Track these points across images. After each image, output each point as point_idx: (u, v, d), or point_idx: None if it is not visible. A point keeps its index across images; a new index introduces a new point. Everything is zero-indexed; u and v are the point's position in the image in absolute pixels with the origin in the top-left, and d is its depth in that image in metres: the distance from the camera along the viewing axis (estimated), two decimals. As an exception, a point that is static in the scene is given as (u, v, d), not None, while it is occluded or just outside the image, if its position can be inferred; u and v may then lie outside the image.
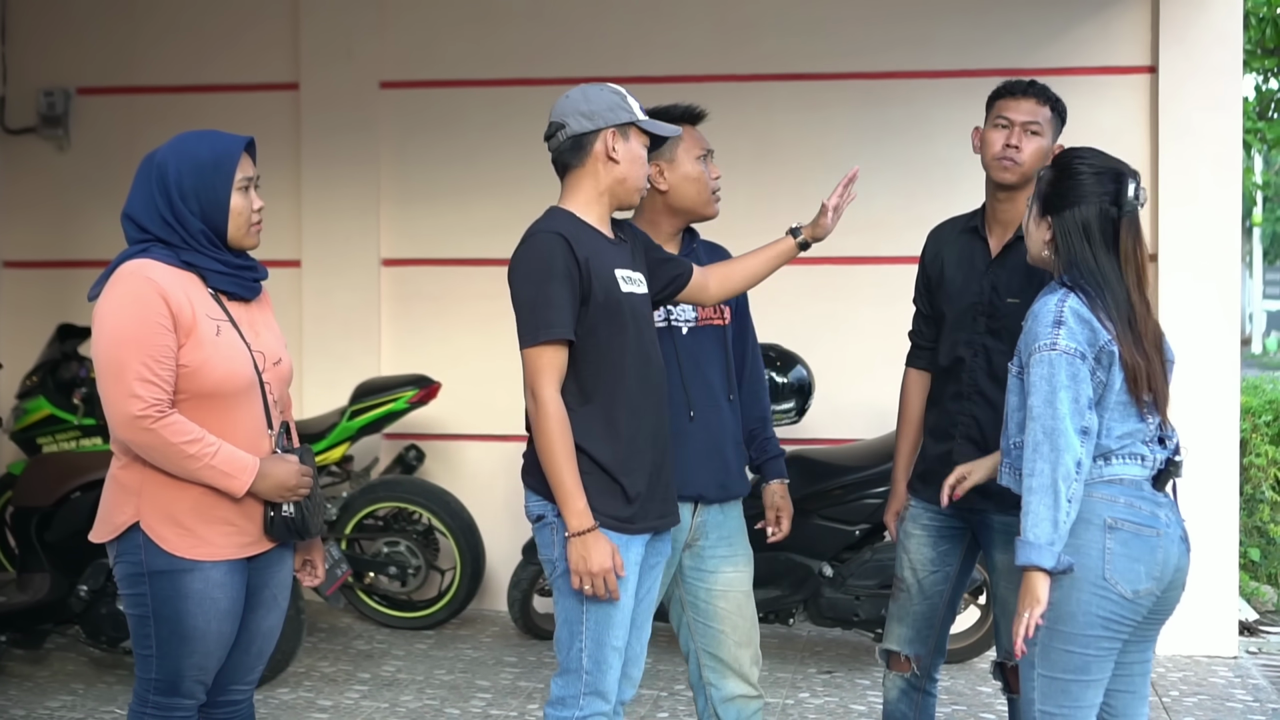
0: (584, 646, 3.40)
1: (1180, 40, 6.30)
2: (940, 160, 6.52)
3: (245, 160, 3.33)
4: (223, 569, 3.27)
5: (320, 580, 3.62)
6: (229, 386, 3.25)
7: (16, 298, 7.48)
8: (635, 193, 3.50)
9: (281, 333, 3.52)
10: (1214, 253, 6.27)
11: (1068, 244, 3.25)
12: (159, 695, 3.31)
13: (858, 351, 6.58)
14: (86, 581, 5.35)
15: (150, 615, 3.27)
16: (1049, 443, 3.12)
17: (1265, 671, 6.06)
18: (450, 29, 7.02)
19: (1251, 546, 7.67)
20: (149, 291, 3.18)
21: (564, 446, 3.31)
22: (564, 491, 3.31)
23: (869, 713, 5.37)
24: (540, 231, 3.40)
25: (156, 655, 3.28)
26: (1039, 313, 3.21)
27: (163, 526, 3.24)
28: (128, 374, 3.15)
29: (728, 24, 6.83)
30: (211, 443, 3.20)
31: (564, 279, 3.32)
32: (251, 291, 3.40)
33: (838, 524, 5.82)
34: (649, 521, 3.47)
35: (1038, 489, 3.12)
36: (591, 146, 3.43)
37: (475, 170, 6.94)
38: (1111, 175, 3.27)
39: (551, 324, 3.32)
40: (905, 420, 4.12)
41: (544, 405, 3.32)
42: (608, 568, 3.30)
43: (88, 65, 7.35)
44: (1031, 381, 3.17)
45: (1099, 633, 3.17)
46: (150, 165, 3.32)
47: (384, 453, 6.96)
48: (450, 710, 5.38)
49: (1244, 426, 7.50)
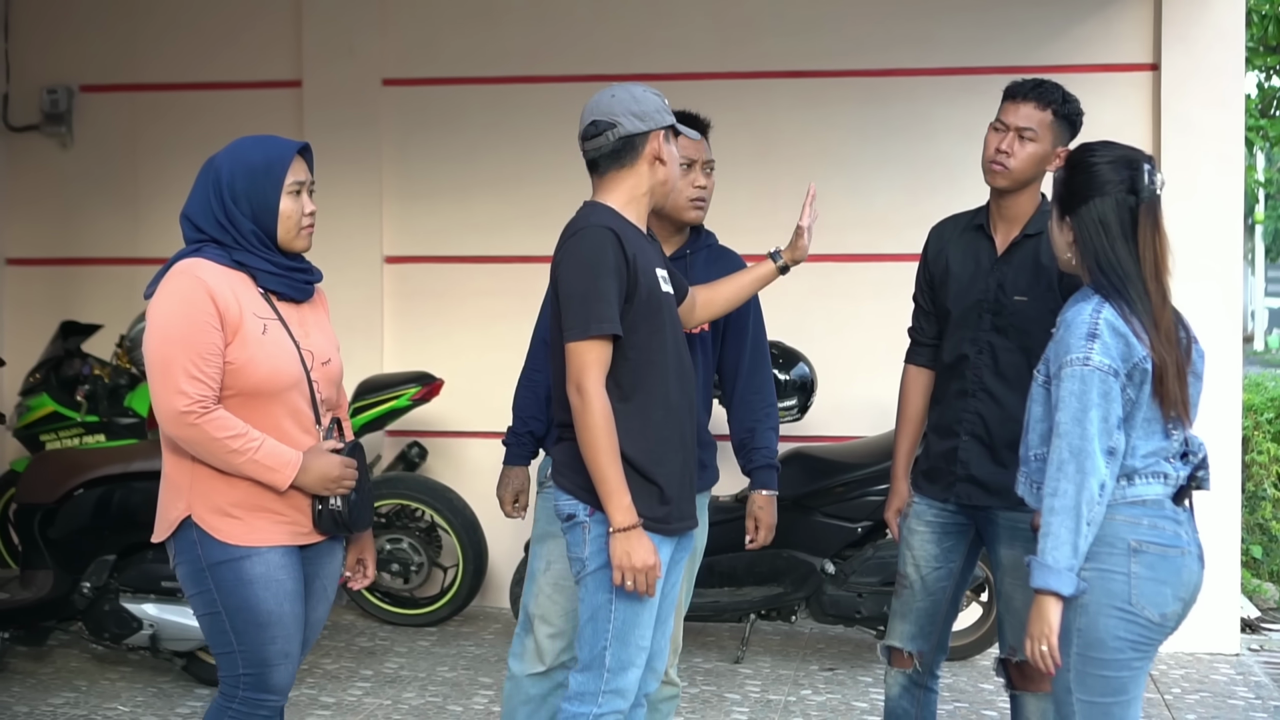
0: (608, 644, 3.40)
1: (1182, 38, 6.30)
2: (942, 158, 6.52)
3: (298, 165, 3.39)
4: (279, 552, 3.33)
5: (368, 583, 3.67)
6: (274, 384, 3.31)
7: (20, 295, 7.49)
8: (675, 194, 3.60)
9: (334, 334, 3.58)
10: (1216, 250, 6.27)
11: (1089, 241, 3.14)
12: (250, 691, 3.34)
13: (860, 349, 6.58)
14: (89, 578, 5.36)
15: (221, 609, 3.31)
16: (1075, 463, 3.02)
17: (1267, 668, 6.06)
18: (452, 26, 7.03)
19: (1253, 544, 7.68)
20: (197, 290, 3.25)
21: (610, 442, 3.30)
22: (609, 487, 3.30)
23: (871, 709, 5.38)
24: (593, 226, 3.39)
25: (239, 649, 3.32)
26: (1072, 322, 3.10)
27: (214, 518, 3.30)
28: (174, 370, 3.22)
29: (729, 21, 6.83)
30: (255, 438, 3.27)
31: (614, 274, 3.33)
32: (302, 293, 3.45)
33: (840, 521, 5.83)
34: (682, 523, 3.48)
35: (1060, 510, 3.02)
36: (643, 148, 3.45)
37: (477, 168, 6.95)
38: (1125, 163, 3.16)
39: (602, 318, 3.31)
40: (905, 417, 4.12)
41: (590, 400, 3.30)
42: (651, 564, 3.30)
43: (91, 63, 7.36)
44: (1061, 396, 3.05)
45: (1129, 655, 3.10)
46: (209, 168, 3.39)
47: (386, 450, 6.97)
48: (453, 707, 5.39)
49: (1246, 424, 7.51)
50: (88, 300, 7.27)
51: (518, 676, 4.00)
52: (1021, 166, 3.78)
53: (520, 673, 4.00)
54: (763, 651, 6.16)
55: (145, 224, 7.25)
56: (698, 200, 3.98)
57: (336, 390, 3.55)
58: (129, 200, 7.34)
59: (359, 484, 3.42)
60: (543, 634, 3.96)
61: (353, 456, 3.42)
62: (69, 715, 5.25)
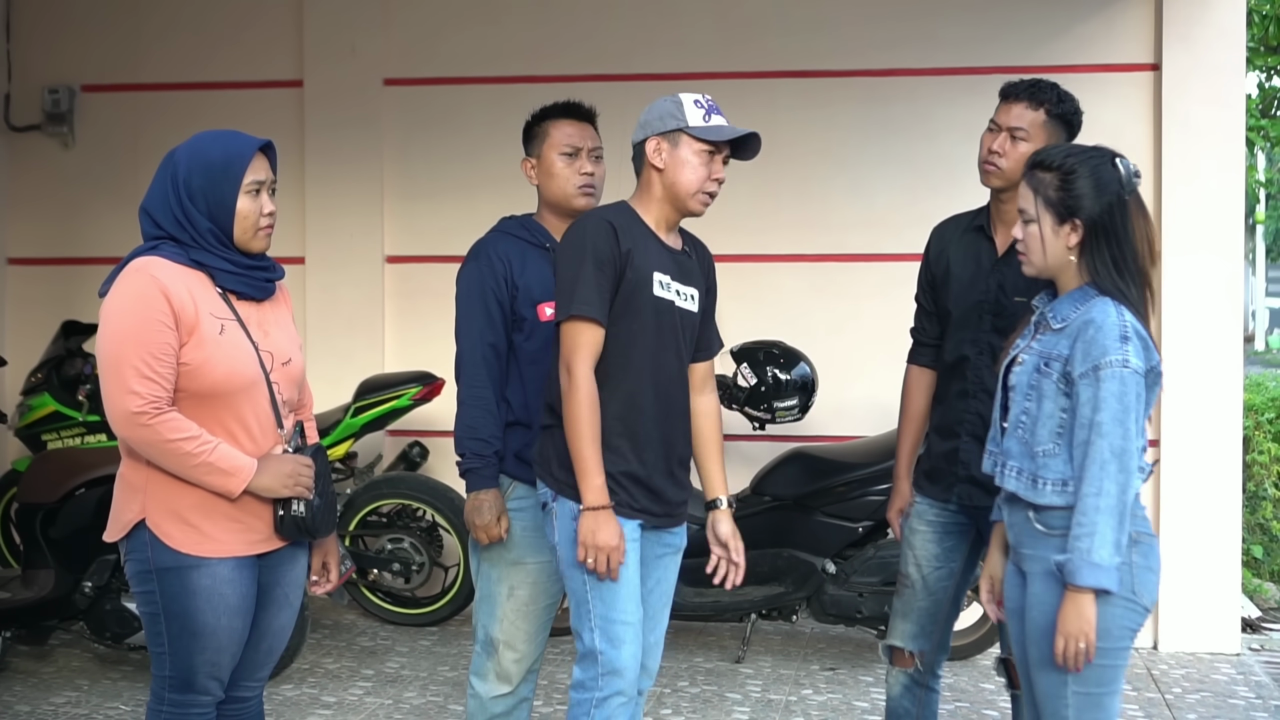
0: (595, 625, 3.47)
1: (1183, 38, 6.30)
2: (943, 157, 6.52)
3: (258, 163, 3.31)
4: (230, 565, 3.27)
5: (334, 587, 3.61)
6: (230, 385, 3.25)
7: (21, 294, 7.49)
8: (689, 198, 3.56)
9: (297, 333, 3.53)
10: (1216, 250, 6.27)
11: (1101, 242, 3.18)
12: (174, 693, 3.32)
13: (861, 348, 6.58)
14: (91, 578, 5.36)
15: (160, 613, 3.28)
16: (1117, 463, 3.07)
17: (1268, 668, 6.06)
18: (454, 26, 7.03)
19: (1254, 543, 7.69)
20: (151, 289, 3.18)
21: (590, 424, 3.40)
22: (584, 466, 3.41)
23: (872, 709, 5.38)
24: (590, 215, 3.55)
25: (169, 653, 3.29)
26: (1102, 324, 3.12)
27: (168, 524, 3.24)
28: (126, 370, 3.16)
29: (731, 21, 6.83)
30: (209, 441, 3.20)
31: (599, 263, 3.43)
32: (262, 291, 3.38)
33: (841, 521, 5.83)
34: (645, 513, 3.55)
35: (1106, 509, 3.06)
36: (645, 154, 3.57)
37: (479, 167, 6.94)
38: (1109, 161, 3.22)
39: (585, 300, 3.41)
40: (907, 417, 4.12)
41: (575, 380, 3.42)
42: (614, 545, 3.40)
43: (92, 62, 7.36)
44: (1101, 396, 3.08)
45: (1127, 644, 3.19)
46: (168, 162, 3.32)
47: (387, 449, 6.97)
48: (454, 707, 5.39)
49: (1247, 424, 7.51)
50: (89, 300, 7.17)
51: (482, 697, 3.97)
52: (1014, 167, 3.77)
53: (485, 694, 3.96)
54: (764, 651, 6.16)
55: (147, 224, 7.24)
56: (585, 187, 3.96)
57: (299, 390, 3.48)
58: (130, 200, 7.22)
59: (321, 489, 3.36)
60: (508, 659, 3.93)
61: (314, 459, 3.36)
62: (70, 714, 5.25)
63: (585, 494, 3.41)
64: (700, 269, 3.70)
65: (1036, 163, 3.27)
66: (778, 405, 5.92)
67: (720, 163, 3.59)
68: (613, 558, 3.41)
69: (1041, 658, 3.21)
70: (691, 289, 3.62)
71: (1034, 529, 3.23)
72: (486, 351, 3.86)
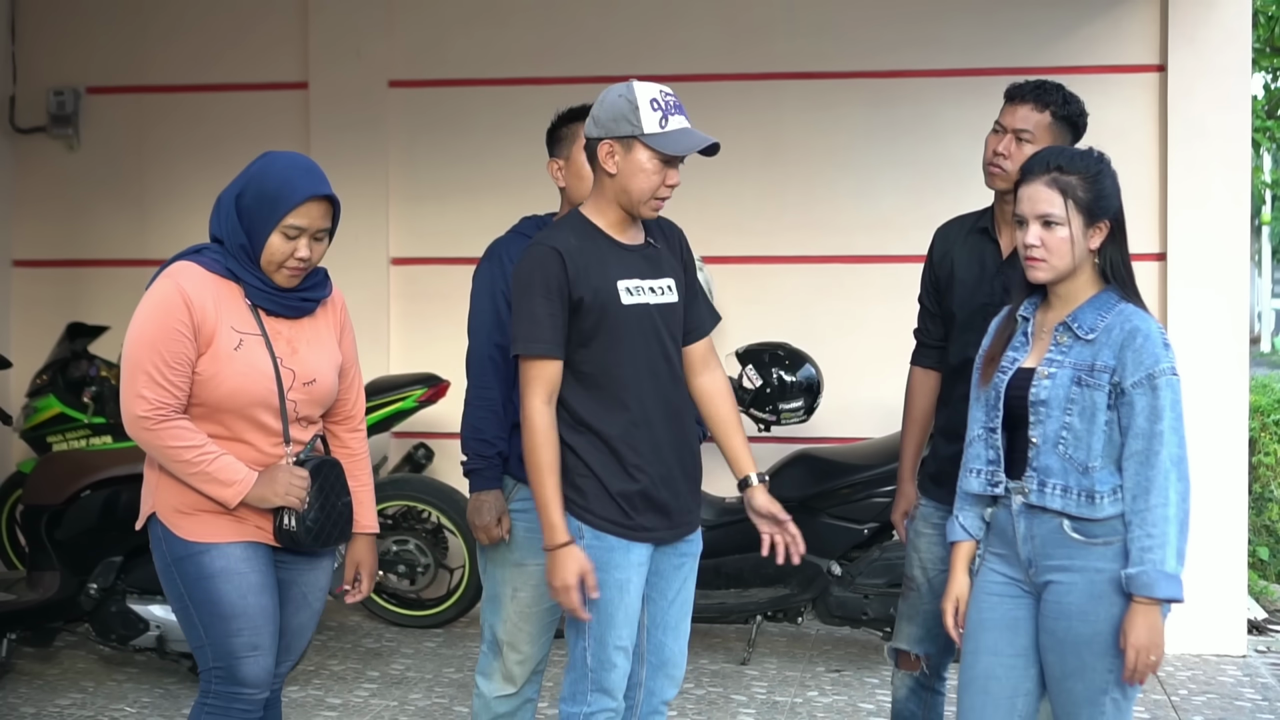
0: (588, 645, 3.44)
1: (1189, 39, 6.30)
2: (949, 159, 6.52)
3: (310, 209, 3.29)
4: (240, 547, 3.32)
5: (363, 597, 3.62)
6: (235, 401, 3.28)
7: (27, 296, 7.50)
8: (642, 205, 3.39)
9: (338, 350, 3.49)
10: (1223, 251, 6.26)
11: (1119, 244, 3.19)
12: (221, 684, 3.33)
13: (866, 350, 6.58)
14: (96, 580, 5.36)
15: (188, 603, 3.33)
16: (1177, 471, 3.08)
17: (1274, 670, 6.05)
18: (459, 28, 7.03)
19: (1260, 545, 7.68)
20: (176, 298, 3.23)
21: (546, 460, 3.34)
22: (542, 504, 3.35)
23: (878, 711, 5.37)
24: (537, 244, 3.40)
25: (208, 642, 3.33)
26: (1149, 333, 3.10)
27: (174, 515, 3.32)
28: (139, 375, 3.22)
29: (737, 23, 6.83)
30: (210, 452, 3.25)
31: (547, 295, 3.33)
32: (293, 312, 3.39)
33: (846, 523, 5.83)
34: (653, 532, 3.47)
35: (1174, 519, 3.06)
36: (597, 154, 3.41)
37: (483, 169, 6.95)
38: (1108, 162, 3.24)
39: (531, 339, 3.34)
40: (910, 419, 4.11)
41: (528, 417, 3.35)
42: (570, 585, 3.33)
43: (97, 64, 7.37)
44: (1159, 406, 3.07)
45: None
46: (252, 164, 3.35)
47: (393, 451, 6.97)
48: (459, 708, 5.39)
49: (1253, 425, 7.51)
50: (94, 301, 7.27)
51: (486, 696, 3.97)
52: (1018, 169, 3.76)
53: (490, 693, 3.96)
54: (769, 653, 6.16)
55: (152, 225, 7.26)
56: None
57: (320, 408, 3.46)
58: (135, 201, 7.35)
59: (323, 502, 3.36)
60: (511, 660, 3.93)
61: (318, 472, 3.36)
62: (76, 716, 5.25)
63: (545, 533, 3.34)
64: (671, 252, 3.55)
65: (1055, 165, 3.21)
66: (783, 407, 5.92)
67: (675, 170, 3.40)
68: (572, 596, 3.32)
69: (1080, 666, 3.14)
70: (666, 280, 3.49)
71: (1069, 538, 3.16)
72: (494, 352, 3.86)
